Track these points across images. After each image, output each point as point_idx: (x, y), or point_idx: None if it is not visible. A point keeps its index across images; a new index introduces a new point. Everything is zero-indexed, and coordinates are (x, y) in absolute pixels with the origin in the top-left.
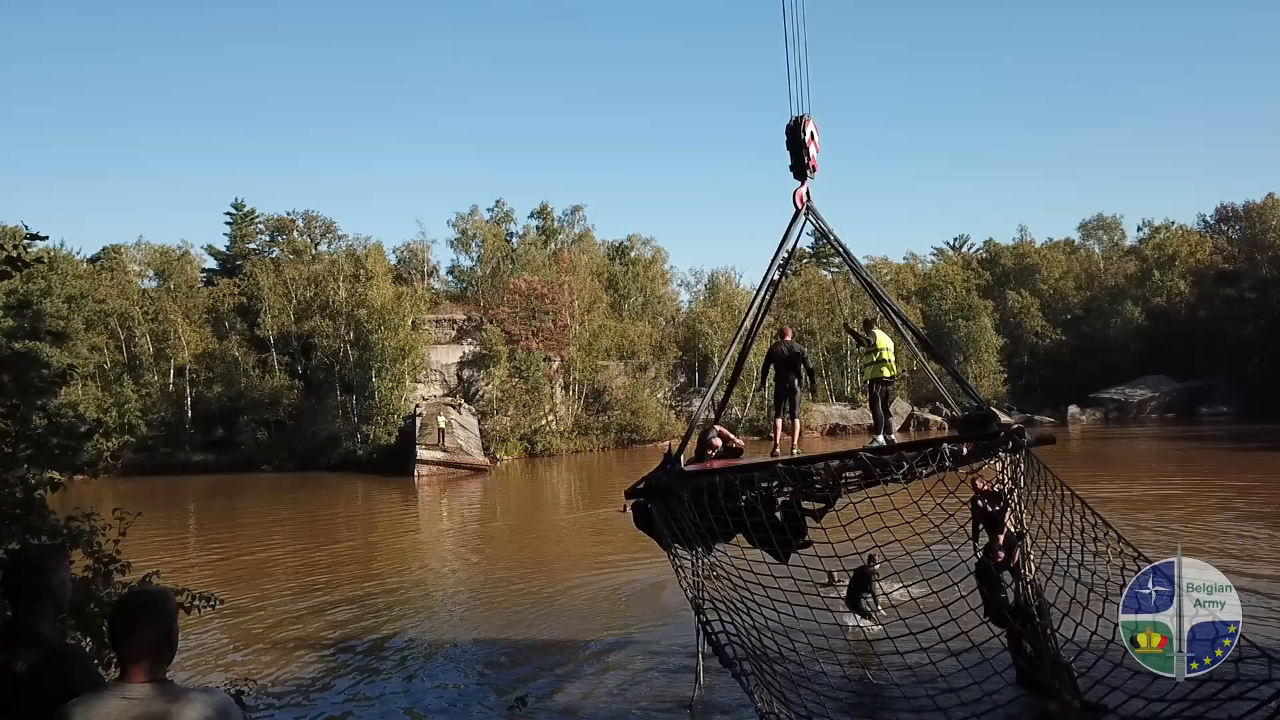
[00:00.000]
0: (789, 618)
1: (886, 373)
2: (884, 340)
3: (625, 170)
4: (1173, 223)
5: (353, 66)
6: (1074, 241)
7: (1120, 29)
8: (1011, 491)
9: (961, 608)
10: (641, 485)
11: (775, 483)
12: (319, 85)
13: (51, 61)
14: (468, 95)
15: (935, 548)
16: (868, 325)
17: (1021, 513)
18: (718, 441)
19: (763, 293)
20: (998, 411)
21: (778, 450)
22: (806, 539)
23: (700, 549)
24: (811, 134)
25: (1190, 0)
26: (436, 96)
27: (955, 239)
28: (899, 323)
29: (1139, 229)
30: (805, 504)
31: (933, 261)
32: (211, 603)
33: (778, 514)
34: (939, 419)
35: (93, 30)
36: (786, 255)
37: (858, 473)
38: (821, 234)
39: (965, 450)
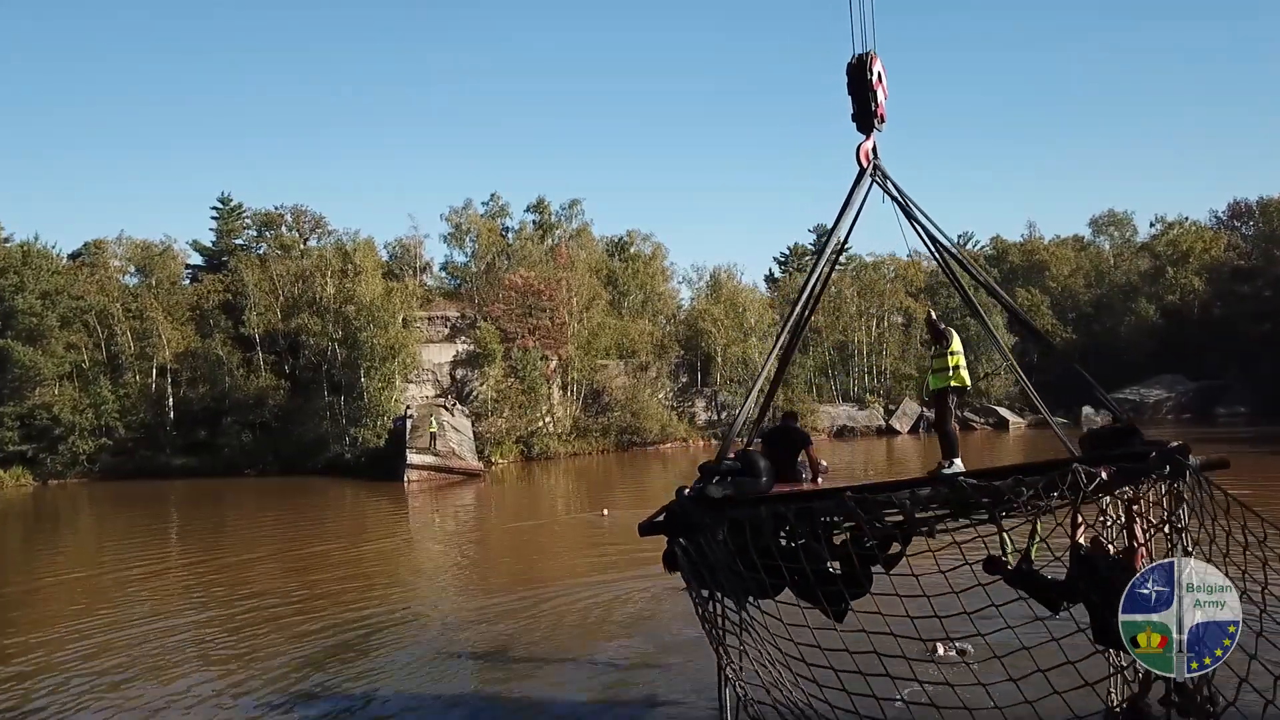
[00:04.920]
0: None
1: (962, 382)
2: (958, 342)
3: (624, 164)
4: (1186, 218)
5: (347, 60)
6: (1083, 238)
7: (1131, 22)
8: (1165, 527)
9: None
10: (661, 517)
11: (838, 517)
12: (312, 79)
13: (41, 58)
14: (463, 88)
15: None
16: (934, 321)
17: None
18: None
19: (820, 268)
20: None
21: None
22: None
23: (735, 605)
24: (879, 75)
25: None
26: (431, 89)
27: (958, 236)
28: (1009, 311)
29: (1151, 225)
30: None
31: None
32: None
33: (834, 560)
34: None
35: (80, 27)
36: (850, 226)
37: (954, 506)
38: (892, 200)
39: (1105, 475)
